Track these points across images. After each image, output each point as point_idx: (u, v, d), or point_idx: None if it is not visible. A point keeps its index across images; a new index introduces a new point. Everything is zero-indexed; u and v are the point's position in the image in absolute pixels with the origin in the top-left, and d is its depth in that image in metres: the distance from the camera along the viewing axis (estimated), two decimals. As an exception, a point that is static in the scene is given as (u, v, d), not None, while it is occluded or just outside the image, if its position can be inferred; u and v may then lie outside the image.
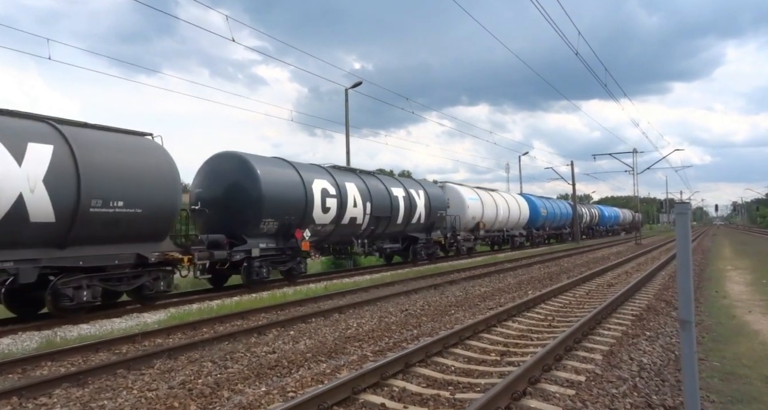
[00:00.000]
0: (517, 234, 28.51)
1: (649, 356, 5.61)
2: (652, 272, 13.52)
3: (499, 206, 25.51)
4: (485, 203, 23.79)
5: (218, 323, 8.00)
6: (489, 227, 24.67)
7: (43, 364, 5.74)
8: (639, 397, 4.32)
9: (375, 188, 16.02)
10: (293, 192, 12.75)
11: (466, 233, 22.29)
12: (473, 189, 24.16)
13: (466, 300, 9.93)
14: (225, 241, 11.28)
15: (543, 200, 34.07)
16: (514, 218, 27.57)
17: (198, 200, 12.18)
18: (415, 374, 5.00)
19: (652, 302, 9.23)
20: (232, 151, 12.52)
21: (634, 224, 67.50)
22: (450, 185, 22.86)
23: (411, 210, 17.53)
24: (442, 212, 19.48)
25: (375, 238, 16.36)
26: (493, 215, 24.57)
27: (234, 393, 4.64)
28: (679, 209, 1.74)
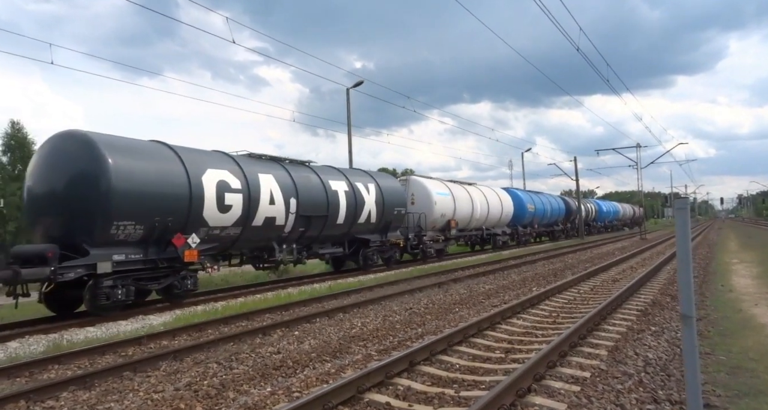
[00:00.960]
0: (500, 233, 25.53)
1: (655, 351, 5.59)
2: (657, 267, 13.47)
3: (476, 202, 22.54)
4: (458, 199, 20.90)
5: (223, 324, 8.03)
6: (464, 226, 21.97)
7: (50, 367, 5.78)
8: (644, 392, 4.31)
9: (304, 180, 13.05)
10: (169, 186, 9.61)
11: (434, 233, 19.51)
12: (444, 183, 21.25)
13: (471, 298, 9.92)
14: (51, 253, 8.11)
15: (530, 194, 30.95)
16: (494, 215, 24.59)
17: (29, 196, 9.31)
18: (420, 372, 5.00)
19: (657, 297, 9.19)
20: (76, 130, 9.30)
21: (635, 219, 64.91)
22: (414, 178, 19.99)
23: (357, 208, 14.60)
24: (401, 210, 16.77)
25: (309, 242, 13.48)
26: (467, 212, 21.72)
27: (239, 393, 4.66)
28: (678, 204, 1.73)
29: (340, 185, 14.40)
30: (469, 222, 22.36)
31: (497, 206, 25.00)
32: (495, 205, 24.73)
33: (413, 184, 19.61)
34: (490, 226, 24.67)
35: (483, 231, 23.92)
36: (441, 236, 19.96)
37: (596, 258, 18.76)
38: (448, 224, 20.19)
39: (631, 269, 14.46)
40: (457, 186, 21.97)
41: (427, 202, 19.16)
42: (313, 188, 13.30)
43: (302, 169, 13.67)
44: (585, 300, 9.18)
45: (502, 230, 25.96)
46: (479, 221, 23.28)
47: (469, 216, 22.06)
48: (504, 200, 26.28)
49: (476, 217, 22.65)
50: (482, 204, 23.19)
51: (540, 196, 32.53)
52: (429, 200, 19.20)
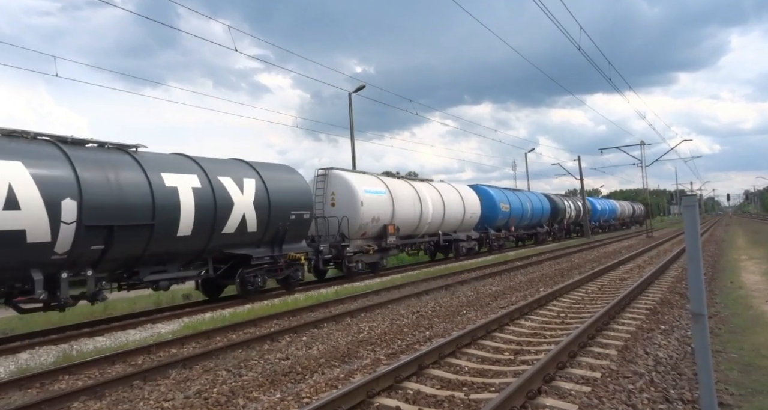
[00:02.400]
0: (464, 238, 21.00)
1: (665, 350, 5.55)
2: (665, 265, 13.38)
3: (427, 202, 18.34)
4: (399, 198, 16.75)
5: (231, 331, 8.04)
6: (410, 232, 17.84)
7: (61, 378, 5.81)
8: (656, 392, 4.28)
9: (99, 172, 8.56)
10: None
11: (362, 243, 15.42)
12: (379, 178, 16.98)
13: (478, 300, 9.90)
14: None
15: (505, 192, 26.58)
16: (454, 217, 20.09)
17: None
18: (429, 376, 4.99)
19: (666, 295, 9.13)
20: None
21: (635, 217, 61.92)
22: (336, 173, 15.62)
23: (218, 212, 10.22)
24: (304, 214, 12.46)
25: (126, 264, 9.17)
26: (413, 215, 17.49)
27: (249, 400, 4.66)
28: (686, 201, 1.72)
29: (186, 180, 9.89)
30: (417, 227, 18.01)
31: (457, 206, 20.35)
32: (454, 205, 20.13)
33: (334, 180, 15.47)
34: (449, 230, 20.10)
35: (439, 237, 19.37)
36: (374, 246, 15.65)
37: (603, 257, 18.66)
38: (384, 230, 15.89)
39: (638, 267, 14.37)
40: (400, 182, 17.85)
41: (351, 202, 14.91)
42: (121, 184, 8.75)
43: (102, 154, 8.99)
44: (593, 300, 9.13)
45: (466, 234, 21.35)
46: (433, 226, 18.92)
47: (415, 219, 17.69)
48: (468, 198, 21.53)
49: (427, 220, 18.34)
50: (436, 204, 18.84)
51: (518, 194, 28.36)
52: (354, 199, 14.91)
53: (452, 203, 20.08)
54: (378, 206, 15.75)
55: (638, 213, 64.42)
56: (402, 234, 17.08)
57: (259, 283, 11.68)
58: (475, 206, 22.00)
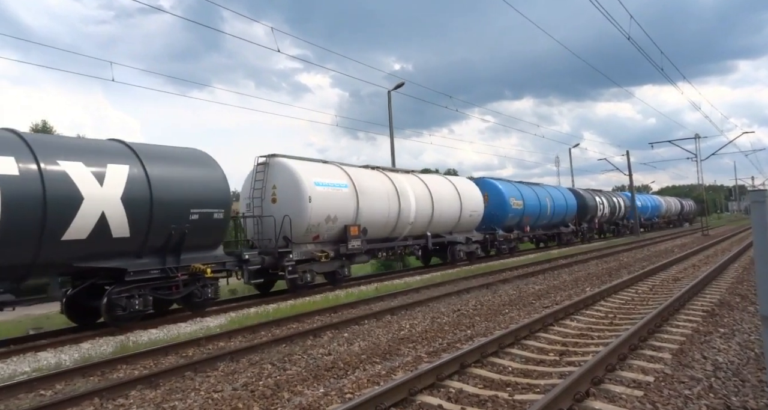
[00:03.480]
0: (461, 241, 17.72)
1: (725, 354, 5.23)
2: (723, 265, 12.60)
3: (408, 198, 14.88)
4: (366, 193, 13.35)
5: (275, 326, 8.26)
6: (385, 234, 14.49)
7: (119, 367, 6.16)
8: (716, 398, 4.04)
9: None
10: None
11: (314, 248, 12.26)
12: (340, 167, 13.53)
13: (520, 299, 9.68)
14: None
15: (518, 186, 22.73)
16: (448, 216, 16.89)
17: None
18: (472, 375, 4.93)
19: (725, 296, 8.60)
20: None
21: (684, 215, 55.86)
22: (280, 161, 12.28)
23: (54, 210, 7.44)
24: (217, 212, 9.65)
25: None
26: (388, 213, 14.11)
27: (294, 394, 4.77)
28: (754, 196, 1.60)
29: None
30: (395, 228, 14.65)
31: (452, 202, 17.08)
32: (448, 201, 16.86)
33: (276, 170, 12.19)
34: (441, 231, 16.93)
35: (427, 240, 15.96)
36: (329, 251, 12.38)
37: (653, 256, 17.80)
38: (346, 231, 12.79)
39: (693, 267, 13.61)
40: (369, 174, 14.48)
41: (295, 198, 11.77)
42: None
43: None
44: (644, 301, 8.73)
45: (465, 236, 18.06)
46: (419, 226, 15.57)
47: (391, 219, 14.29)
48: (467, 193, 18.07)
49: (408, 219, 14.92)
50: (422, 200, 15.54)
51: (535, 188, 24.20)
52: (299, 194, 11.75)
53: (445, 198, 16.78)
54: (335, 203, 12.50)
55: (688, 210, 58.19)
56: (372, 237, 13.81)
57: (137, 306, 8.47)
58: (477, 203, 18.62)
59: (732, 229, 38.16)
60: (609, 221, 33.82)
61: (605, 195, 33.56)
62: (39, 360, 6.78)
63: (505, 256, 20.78)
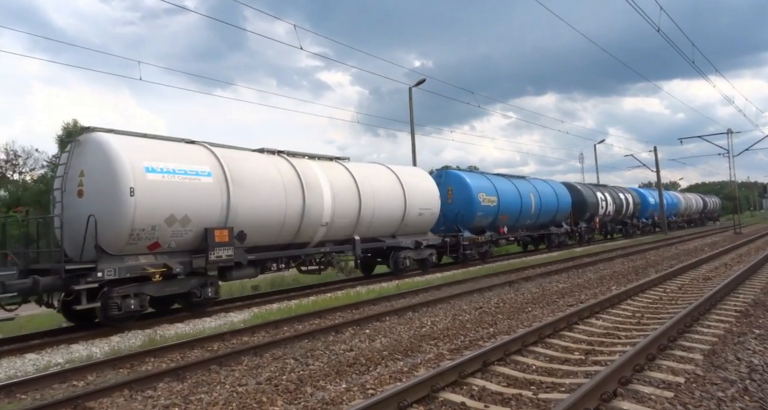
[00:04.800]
0: (409, 246, 14.11)
1: (761, 356, 5.04)
2: (757, 265, 12.15)
3: (319, 192, 11.34)
4: (242, 184, 9.74)
5: (297, 322, 8.34)
6: (288, 239, 10.91)
7: (147, 360, 6.32)
8: (751, 401, 3.90)
9: None
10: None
11: (149, 261, 8.56)
12: (206, 148, 9.80)
13: (543, 297, 9.54)
14: None
15: (493, 179, 19.14)
16: (386, 216, 13.26)
17: None
18: (495, 373, 4.88)
19: (760, 296, 8.29)
20: None
21: (707, 213, 51.80)
22: (95, 136, 8.54)
23: None
24: None
25: None
26: (283, 212, 10.47)
27: (316, 389, 4.81)
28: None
29: None
30: (299, 231, 10.94)
31: (392, 198, 13.47)
32: (385, 195, 13.24)
33: (87, 151, 8.61)
34: (379, 234, 13.42)
35: (354, 245, 12.43)
36: (172, 266, 8.68)
37: (682, 255, 17.30)
38: (207, 237, 9.06)
39: (725, 266, 13.17)
40: (254, 158, 10.65)
41: (109, 190, 8.21)
42: None
43: None
44: (673, 300, 8.49)
45: (415, 240, 14.39)
46: (340, 228, 12.01)
47: (292, 218, 10.67)
48: (413, 186, 14.31)
49: (320, 220, 11.34)
50: (344, 195, 12.01)
51: (516, 182, 20.52)
52: (114, 184, 8.16)
53: (381, 192, 13.13)
54: (186, 197, 8.76)
55: (711, 208, 53.57)
56: (260, 243, 10.31)
57: None
58: (430, 199, 14.93)
59: (765, 227, 36.76)
60: (614, 220, 29.74)
61: (610, 191, 29.50)
62: (72, 352, 7.01)
63: (475, 263, 17.20)
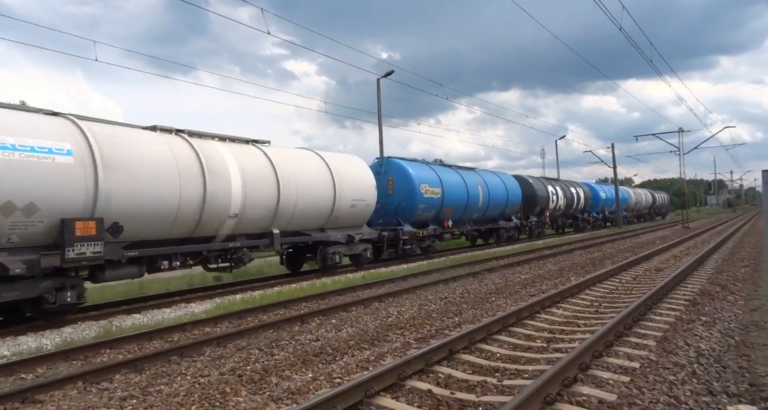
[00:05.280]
0: (340, 240, 12.67)
1: (707, 342, 5.34)
2: (703, 257, 12.89)
3: (225, 176, 9.67)
4: (118, 167, 8.00)
5: (262, 312, 8.19)
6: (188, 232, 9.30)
7: (103, 352, 6.04)
8: (699, 384, 4.12)
9: None
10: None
11: None
12: (68, 120, 7.87)
13: (507, 287, 9.77)
14: None
15: (438, 169, 17.79)
16: (311, 206, 11.76)
17: None
18: (461, 361, 4.95)
19: (706, 286, 8.79)
20: None
21: (656, 208, 51.99)
22: None
23: None
24: None
25: None
26: (176, 200, 8.82)
27: (282, 379, 4.74)
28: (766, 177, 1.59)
29: None
30: (198, 223, 9.32)
31: (320, 185, 12.00)
32: (311, 183, 11.73)
33: None
34: (305, 227, 11.88)
35: (273, 239, 10.93)
36: (10, 266, 6.77)
37: (636, 247, 18.13)
38: (64, 230, 7.36)
39: (674, 258, 13.89)
40: (142, 136, 8.91)
41: None
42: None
43: None
44: (628, 290, 8.88)
45: (347, 234, 12.92)
46: (255, 219, 10.42)
47: (190, 208, 9.05)
48: (345, 174, 12.75)
49: (227, 210, 9.75)
50: (259, 180, 10.39)
51: (463, 173, 19.17)
52: None
53: (306, 180, 11.56)
54: (29, 179, 7.03)
55: (660, 203, 54.32)
56: (143, 237, 8.63)
57: None
58: (365, 189, 13.38)
59: (711, 222, 39.08)
60: (565, 214, 29.20)
61: (561, 185, 28.91)
62: (19, 344, 6.61)
63: (417, 258, 15.88)
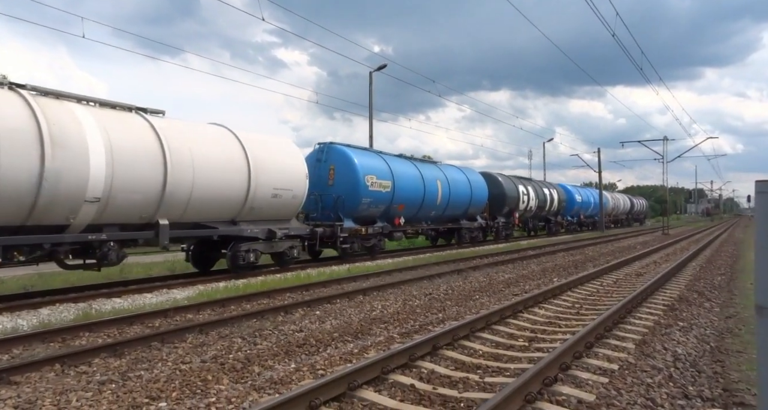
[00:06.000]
0: (258, 236, 10.86)
1: (684, 347, 5.47)
2: (682, 263, 13.16)
3: (81, 151, 7.67)
4: None
5: (245, 301, 8.14)
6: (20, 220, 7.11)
7: (81, 335, 5.94)
8: (675, 387, 4.22)
9: None
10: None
11: None
12: None
13: (490, 286, 9.86)
14: None
15: (387, 158, 15.73)
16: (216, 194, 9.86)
17: None
18: (444, 356, 4.99)
19: (684, 292, 8.99)
20: None
21: (634, 214, 50.65)
22: None
23: None
24: None
25: None
26: None
27: (264, 368, 4.71)
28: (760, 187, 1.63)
29: None
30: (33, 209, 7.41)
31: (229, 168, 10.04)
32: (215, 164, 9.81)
33: None
34: (208, 219, 10.02)
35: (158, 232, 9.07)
36: None
37: (617, 252, 18.45)
38: None
39: (654, 263, 14.17)
40: None
41: None
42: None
43: None
44: (609, 293, 9.03)
45: (266, 229, 11.02)
46: (131, 206, 8.65)
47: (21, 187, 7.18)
48: (263, 156, 10.76)
49: (82, 193, 7.83)
50: (136, 158, 8.55)
51: (421, 165, 17.41)
52: None
53: (211, 162, 9.61)
54: None
55: (639, 209, 52.41)
56: None
57: None
58: (295, 178, 11.43)
59: (690, 230, 39.92)
60: (537, 216, 27.73)
61: (534, 185, 27.25)
62: (-7, 324, 6.47)
63: (361, 259, 13.77)
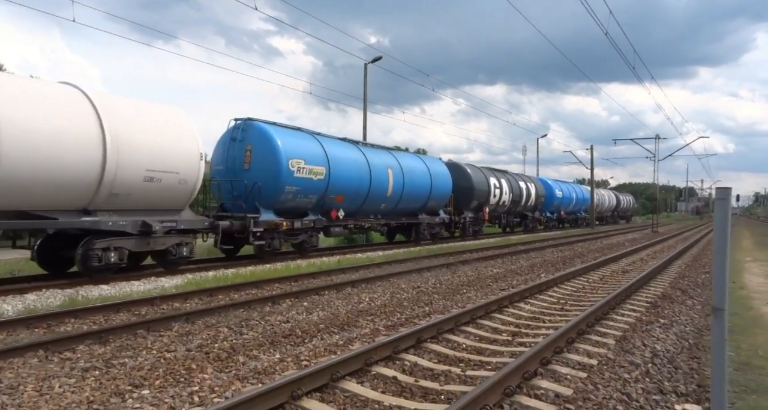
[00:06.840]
0: (127, 230, 8.75)
1: (663, 343, 5.58)
2: (668, 261, 13.35)
3: None
4: None
5: (233, 291, 8.16)
6: None
7: (67, 321, 5.94)
8: (651, 383, 4.31)
9: None
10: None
11: None
12: None
13: (478, 280, 9.95)
14: None
15: (321, 139, 13.46)
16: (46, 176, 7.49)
17: None
18: (427, 349, 5.05)
19: (668, 290, 9.13)
20: None
21: (621, 211, 49.16)
22: None
23: None
24: None
25: None
26: None
27: (249, 358, 4.75)
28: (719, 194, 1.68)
29: None
30: None
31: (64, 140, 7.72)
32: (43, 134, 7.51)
33: None
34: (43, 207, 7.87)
35: None
36: None
37: (605, 248, 18.65)
38: None
39: (641, 261, 14.36)
40: None
41: None
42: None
43: None
44: (594, 289, 9.15)
45: (140, 221, 9.03)
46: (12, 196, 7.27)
47: None
48: (130, 132, 8.61)
49: None
50: None
51: (368, 151, 15.26)
52: None
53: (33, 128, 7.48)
54: None
55: (625, 206, 50.87)
56: None
57: None
58: (182, 157, 9.60)
59: (679, 228, 40.41)
60: (511, 211, 25.54)
61: (508, 178, 25.13)
62: (-22, 310, 6.44)
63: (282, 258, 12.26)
